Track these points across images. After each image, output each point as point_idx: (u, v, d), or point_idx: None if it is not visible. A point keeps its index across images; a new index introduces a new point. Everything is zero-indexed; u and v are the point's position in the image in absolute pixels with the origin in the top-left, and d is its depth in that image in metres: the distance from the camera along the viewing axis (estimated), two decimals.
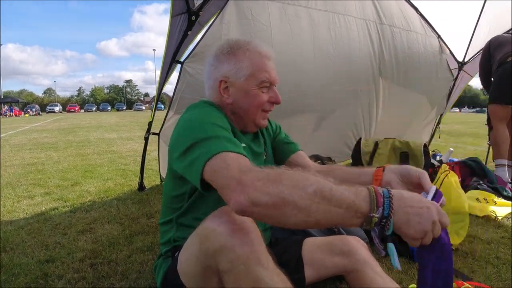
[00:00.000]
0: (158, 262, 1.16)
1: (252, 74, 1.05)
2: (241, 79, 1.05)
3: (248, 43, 1.07)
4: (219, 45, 1.11)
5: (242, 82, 1.05)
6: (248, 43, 1.08)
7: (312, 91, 2.84)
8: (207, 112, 0.98)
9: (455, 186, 1.97)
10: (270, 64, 1.08)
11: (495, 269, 1.57)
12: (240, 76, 1.05)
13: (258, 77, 1.05)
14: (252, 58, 1.05)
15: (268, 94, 1.09)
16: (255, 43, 1.08)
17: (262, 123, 1.12)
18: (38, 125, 15.08)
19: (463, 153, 5.19)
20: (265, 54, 1.07)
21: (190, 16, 2.06)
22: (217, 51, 1.09)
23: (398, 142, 2.39)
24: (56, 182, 3.43)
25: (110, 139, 7.91)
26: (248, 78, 1.05)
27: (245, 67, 1.04)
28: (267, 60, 1.07)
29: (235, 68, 1.05)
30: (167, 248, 1.12)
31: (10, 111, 33.75)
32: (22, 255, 1.74)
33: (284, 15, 2.47)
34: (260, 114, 1.10)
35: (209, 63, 1.11)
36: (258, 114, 1.09)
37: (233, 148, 0.81)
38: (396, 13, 3.15)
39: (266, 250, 0.82)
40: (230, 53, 1.06)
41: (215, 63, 1.08)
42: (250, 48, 1.06)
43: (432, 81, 3.61)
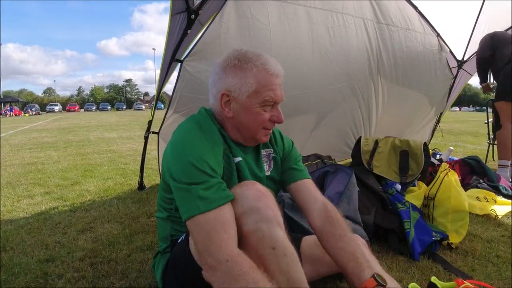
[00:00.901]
0: (156, 259, 1.18)
1: (256, 92, 1.02)
2: (244, 95, 1.02)
3: (258, 59, 1.04)
4: (228, 54, 1.07)
5: (245, 98, 1.03)
6: (258, 58, 1.04)
7: (311, 90, 2.84)
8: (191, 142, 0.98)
9: (455, 184, 1.97)
10: (278, 81, 1.05)
11: (495, 267, 1.57)
12: (243, 92, 1.02)
13: (262, 96, 1.02)
14: (259, 76, 1.02)
15: (270, 113, 1.06)
16: (264, 59, 1.05)
17: (263, 139, 1.11)
18: (38, 124, 15.07)
19: (463, 151, 5.19)
20: (273, 72, 1.04)
21: (190, 15, 2.06)
22: (225, 61, 1.06)
23: (398, 141, 2.39)
24: (56, 182, 3.43)
25: (110, 139, 7.90)
26: (252, 95, 1.02)
27: (250, 83, 1.02)
28: (275, 78, 1.04)
29: (240, 83, 1.02)
30: (165, 244, 1.14)
31: (10, 110, 33.72)
32: (22, 255, 1.74)
33: (283, 13, 2.47)
34: (261, 131, 1.08)
35: (214, 72, 1.08)
36: (259, 132, 1.08)
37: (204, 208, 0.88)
38: (395, 12, 3.15)
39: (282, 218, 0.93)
40: (237, 66, 1.03)
41: (221, 73, 1.06)
42: (258, 64, 1.03)
43: (432, 80, 3.60)
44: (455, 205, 1.90)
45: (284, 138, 1.28)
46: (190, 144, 0.97)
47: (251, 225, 0.89)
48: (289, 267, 0.88)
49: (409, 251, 1.69)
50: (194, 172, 0.92)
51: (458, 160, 2.99)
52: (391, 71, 3.28)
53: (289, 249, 0.90)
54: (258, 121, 1.05)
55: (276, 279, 0.87)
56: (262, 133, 1.08)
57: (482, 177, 2.78)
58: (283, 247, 0.89)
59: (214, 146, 1.00)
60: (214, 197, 0.90)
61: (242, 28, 2.29)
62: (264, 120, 1.05)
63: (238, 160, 1.07)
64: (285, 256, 0.88)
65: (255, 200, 0.91)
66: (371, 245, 1.73)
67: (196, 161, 0.93)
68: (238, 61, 1.04)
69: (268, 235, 0.88)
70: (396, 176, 2.24)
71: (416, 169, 2.23)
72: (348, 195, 1.75)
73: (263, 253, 0.88)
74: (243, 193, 0.93)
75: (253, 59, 1.03)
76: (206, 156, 0.95)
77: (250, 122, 1.05)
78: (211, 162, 0.95)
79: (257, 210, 0.90)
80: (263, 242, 0.88)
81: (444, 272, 1.53)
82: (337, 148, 3.35)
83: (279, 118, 1.07)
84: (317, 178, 2.04)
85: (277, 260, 0.88)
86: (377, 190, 2.04)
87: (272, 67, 1.04)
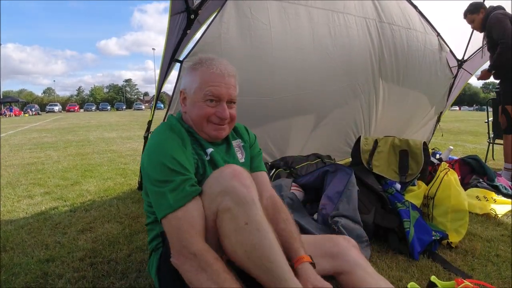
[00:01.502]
0: (150, 260, 1.21)
1: (200, 88, 1.14)
2: (192, 91, 1.16)
3: (206, 61, 1.17)
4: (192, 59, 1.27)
5: (192, 94, 1.16)
6: (207, 60, 1.17)
7: (312, 90, 2.84)
8: (161, 143, 1.08)
9: (455, 184, 1.97)
10: (221, 80, 1.14)
11: (495, 267, 1.57)
12: (192, 89, 1.16)
13: (203, 91, 1.13)
14: (202, 74, 1.15)
15: (215, 109, 1.15)
16: (213, 61, 1.17)
17: (214, 133, 1.17)
18: (37, 124, 15.07)
19: (462, 151, 5.19)
20: (215, 70, 1.14)
21: (189, 15, 2.05)
22: (188, 65, 1.27)
23: (398, 140, 2.39)
24: (56, 182, 3.43)
25: (109, 139, 7.90)
26: (196, 91, 1.15)
27: (196, 81, 1.15)
28: (219, 77, 1.14)
29: (190, 82, 1.17)
30: (157, 241, 1.17)
31: (9, 110, 33.69)
32: (22, 255, 1.74)
33: (283, 13, 2.46)
34: (208, 125, 1.16)
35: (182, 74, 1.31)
36: (205, 125, 1.16)
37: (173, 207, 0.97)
38: (396, 11, 3.15)
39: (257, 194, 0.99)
40: (191, 68, 1.19)
41: (182, 75, 1.27)
42: (205, 65, 1.16)
43: (432, 79, 3.61)
44: (454, 205, 1.90)
45: (249, 131, 1.41)
46: (161, 145, 1.07)
47: (226, 202, 0.94)
48: (262, 242, 0.91)
49: (408, 251, 1.69)
50: (165, 171, 1.01)
51: (457, 160, 2.99)
52: (392, 71, 3.28)
53: (263, 225, 0.93)
54: (201, 114, 1.14)
55: (249, 254, 0.92)
56: (209, 127, 1.16)
57: (481, 176, 2.78)
58: (255, 223, 0.92)
59: (183, 144, 1.09)
60: (181, 195, 0.98)
61: (243, 28, 2.29)
62: (206, 114, 1.14)
63: (211, 151, 1.17)
64: (258, 231, 0.92)
65: (230, 179, 0.97)
66: (370, 244, 1.74)
67: (167, 160, 1.02)
68: (193, 63, 1.20)
69: (241, 211, 0.93)
70: (395, 175, 2.25)
71: (415, 169, 2.23)
72: (348, 195, 1.75)
73: (237, 228, 0.93)
74: (220, 174, 1.00)
75: (203, 62, 1.17)
76: (176, 154, 1.04)
77: (195, 115, 1.16)
78: (181, 159, 1.04)
79: (232, 187, 0.95)
80: (237, 218, 0.93)
81: (443, 272, 1.53)
82: (337, 148, 3.35)
83: (222, 114, 1.14)
84: (316, 177, 2.04)
85: (250, 235, 0.92)
86: (377, 189, 2.04)
87: (216, 67, 1.15)
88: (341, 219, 1.65)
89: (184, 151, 1.07)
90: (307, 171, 2.44)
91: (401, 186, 2.18)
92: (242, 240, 0.92)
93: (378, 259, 1.66)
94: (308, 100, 2.86)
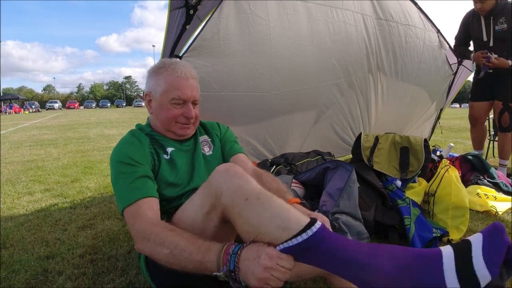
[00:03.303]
0: (141, 258, 1.22)
1: (166, 91, 1.22)
2: (158, 94, 1.23)
3: (170, 65, 1.24)
4: (155, 63, 1.31)
5: (158, 97, 1.24)
6: (170, 65, 1.25)
7: (310, 85, 2.83)
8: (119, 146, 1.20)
9: (455, 181, 1.97)
10: (186, 83, 1.23)
11: None
12: (157, 92, 1.23)
13: (170, 94, 1.22)
14: (168, 78, 1.22)
15: (182, 110, 1.24)
16: (176, 65, 1.25)
17: (181, 132, 1.27)
18: (37, 122, 15.06)
19: (463, 148, 5.18)
20: (180, 74, 1.22)
21: (188, 10, 2.05)
22: (151, 68, 1.28)
23: (399, 137, 2.38)
24: (56, 179, 3.43)
25: (110, 135, 7.90)
26: (163, 94, 1.23)
27: (161, 84, 1.23)
28: (184, 80, 1.23)
29: (155, 85, 1.24)
30: None
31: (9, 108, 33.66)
32: (22, 252, 1.74)
33: (282, 9, 2.45)
34: (175, 125, 1.26)
35: (147, 77, 1.31)
36: (173, 125, 1.26)
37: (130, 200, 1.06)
38: (395, 8, 3.13)
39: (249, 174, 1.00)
40: (155, 72, 1.26)
41: (147, 79, 1.29)
42: (169, 69, 1.23)
43: (431, 76, 3.59)
44: (455, 201, 1.90)
45: (221, 125, 1.50)
46: (119, 148, 1.19)
47: (226, 194, 0.93)
48: (265, 205, 0.88)
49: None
50: (120, 166, 1.12)
51: (458, 157, 2.99)
52: (390, 67, 3.27)
53: (261, 192, 0.91)
54: (169, 116, 1.23)
55: (258, 224, 0.86)
56: (176, 127, 1.26)
57: (482, 173, 2.77)
58: (254, 193, 0.90)
59: (140, 144, 1.19)
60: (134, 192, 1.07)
61: (242, 24, 2.28)
62: (174, 115, 1.23)
63: (171, 151, 1.25)
64: (258, 199, 0.90)
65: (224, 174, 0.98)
66: (371, 241, 1.73)
67: (123, 158, 1.14)
68: (157, 67, 1.26)
69: (238, 189, 0.92)
70: (396, 172, 2.24)
71: (416, 166, 2.23)
72: (348, 191, 1.75)
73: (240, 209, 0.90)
74: (220, 170, 1.00)
75: (166, 65, 1.25)
76: (130, 153, 1.15)
77: (163, 116, 1.24)
78: (134, 156, 1.14)
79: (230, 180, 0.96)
80: (237, 199, 0.91)
81: None
82: (336, 144, 3.34)
83: (188, 114, 1.24)
84: (317, 174, 2.04)
85: (253, 207, 0.88)
86: (378, 186, 2.04)
87: (180, 70, 1.23)
88: (341, 216, 1.65)
89: (139, 150, 1.17)
90: (307, 168, 2.43)
91: (402, 183, 2.17)
92: (248, 216, 0.88)
93: None
94: (307, 96, 2.85)
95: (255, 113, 2.51)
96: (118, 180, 1.12)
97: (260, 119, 2.61)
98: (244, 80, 2.36)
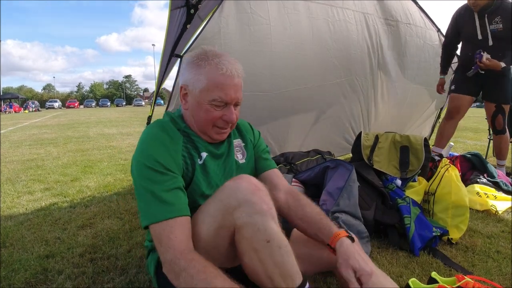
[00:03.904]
0: (148, 259, 1.19)
1: (207, 89, 1.04)
2: (197, 90, 1.06)
3: (214, 57, 1.05)
4: (195, 52, 1.12)
5: (197, 94, 1.06)
6: (215, 57, 1.05)
7: (311, 85, 2.83)
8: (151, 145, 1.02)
9: (455, 180, 1.97)
10: (231, 81, 1.05)
11: (495, 263, 1.57)
12: (196, 87, 1.06)
13: (211, 94, 1.04)
14: (210, 74, 1.04)
15: (222, 112, 1.07)
16: (221, 59, 1.05)
17: (215, 136, 1.12)
18: (37, 121, 15.05)
19: (463, 147, 5.18)
20: (225, 71, 1.03)
21: (189, 10, 2.04)
22: (189, 58, 1.10)
23: (399, 136, 2.38)
24: (55, 178, 3.43)
25: (109, 135, 7.90)
26: (203, 91, 1.05)
27: (202, 80, 1.04)
28: (229, 79, 1.04)
29: (194, 79, 1.06)
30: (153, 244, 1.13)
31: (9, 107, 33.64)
32: (22, 251, 1.74)
33: (282, 8, 2.45)
34: (212, 129, 1.09)
35: (182, 67, 1.14)
36: (210, 128, 1.09)
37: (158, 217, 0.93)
38: (395, 6, 3.13)
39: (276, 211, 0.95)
40: (195, 63, 1.06)
41: (183, 69, 1.11)
42: (212, 63, 1.04)
43: (431, 75, 3.58)
44: (455, 200, 1.90)
45: (253, 128, 1.33)
46: (145, 146, 1.02)
47: (245, 218, 0.90)
48: (284, 259, 0.89)
49: (409, 247, 1.69)
50: (147, 172, 0.97)
51: (458, 156, 2.98)
52: (391, 66, 3.27)
53: (283, 242, 0.90)
54: (208, 118, 1.07)
55: (271, 272, 0.88)
56: (213, 131, 1.10)
57: (482, 172, 2.77)
58: (277, 240, 0.90)
59: (172, 146, 1.03)
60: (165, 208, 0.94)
61: (242, 23, 2.28)
62: (213, 118, 1.07)
63: (205, 156, 1.10)
64: (280, 248, 0.89)
65: (249, 193, 0.93)
66: (371, 240, 1.73)
67: (149, 162, 0.97)
68: (197, 58, 1.07)
69: (262, 228, 0.89)
70: (396, 171, 2.24)
71: (416, 165, 2.22)
72: (348, 191, 1.74)
73: (258, 247, 0.89)
74: (237, 186, 0.95)
75: (210, 58, 1.05)
76: (160, 156, 0.99)
77: (200, 117, 1.08)
78: (165, 162, 0.99)
79: (252, 203, 0.91)
80: (258, 236, 0.89)
81: (444, 268, 1.53)
82: (337, 143, 3.34)
83: (229, 118, 1.07)
84: (317, 173, 2.03)
85: (272, 253, 0.88)
86: (378, 185, 2.03)
87: (226, 67, 1.04)
88: (341, 215, 1.65)
89: (170, 153, 1.02)
90: (307, 167, 2.43)
91: (402, 182, 2.17)
92: (264, 259, 0.89)
93: (378, 255, 1.65)
94: (308, 95, 2.85)
95: (255, 112, 2.51)
96: (145, 188, 0.96)
97: (260, 118, 2.61)
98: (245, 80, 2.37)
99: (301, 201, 1.14)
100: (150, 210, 0.94)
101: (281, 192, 1.17)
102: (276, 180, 1.22)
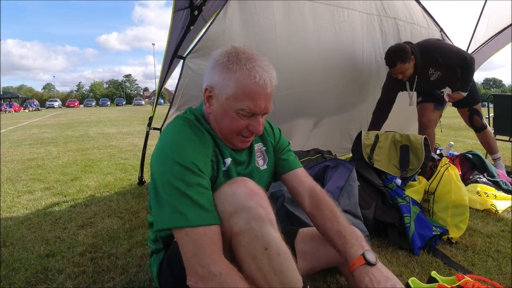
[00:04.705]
0: (151, 259, 1.18)
1: (235, 97, 0.95)
2: (223, 96, 0.96)
3: (248, 62, 0.94)
4: (225, 49, 1.00)
5: (224, 99, 0.96)
6: (248, 61, 0.94)
7: (316, 86, 2.82)
8: (186, 145, 0.94)
9: (455, 179, 1.97)
10: (263, 91, 0.95)
11: (495, 262, 1.57)
12: (223, 93, 0.96)
13: (239, 103, 0.95)
14: (241, 81, 0.93)
15: (248, 121, 0.99)
16: (255, 64, 0.94)
17: (239, 145, 1.05)
18: (37, 120, 15.05)
19: (463, 147, 5.18)
20: (258, 80, 0.93)
21: (193, 11, 2.04)
22: (218, 56, 0.99)
23: (399, 135, 2.38)
24: (56, 177, 3.43)
25: (109, 134, 7.90)
26: (230, 98, 0.95)
27: (230, 86, 0.94)
28: (261, 89, 0.94)
29: (222, 83, 0.95)
30: (157, 246, 1.14)
31: (9, 106, 33.63)
32: (22, 250, 1.74)
33: (288, 9, 2.44)
34: (237, 137, 1.02)
35: (208, 64, 1.03)
36: (234, 137, 1.02)
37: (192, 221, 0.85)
38: (399, 6, 3.14)
39: (275, 215, 0.91)
40: (225, 65, 0.95)
41: (210, 68, 1.00)
42: (244, 68, 0.93)
43: None
44: (455, 200, 1.90)
45: (273, 126, 1.26)
46: (178, 145, 0.93)
47: (242, 224, 0.86)
48: (283, 267, 0.87)
49: (409, 246, 1.69)
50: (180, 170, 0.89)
51: (458, 155, 2.99)
52: None
53: (282, 248, 0.88)
54: (233, 126, 0.99)
55: (270, 280, 0.86)
56: (237, 139, 1.03)
57: (482, 172, 2.77)
58: (276, 247, 0.87)
59: (204, 147, 0.98)
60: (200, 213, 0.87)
61: (247, 24, 2.27)
62: (238, 127, 0.99)
63: (229, 162, 1.04)
64: (279, 256, 0.86)
65: (246, 198, 0.89)
66: (371, 239, 1.74)
67: (184, 160, 0.90)
68: (228, 60, 0.96)
69: (260, 235, 0.85)
70: (396, 170, 2.24)
71: (416, 164, 2.23)
72: (348, 190, 1.75)
73: (256, 254, 0.86)
74: (234, 191, 0.91)
75: (242, 61, 0.94)
76: (194, 156, 0.92)
77: (225, 125, 1.00)
78: (199, 163, 0.92)
79: (248, 209, 0.87)
80: (255, 243, 0.86)
81: (444, 267, 1.53)
82: (339, 145, 3.34)
83: (255, 129, 1.00)
84: (317, 172, 2.03)
85: (270, 261, 0.86)
86: (378, 184, 2.04)
87: (259, 75, 0.93)
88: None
89: (203, 155, 0.96)
90: (307, 166, 2.43)
91: (402, 181, 2.17)
92: (262, 266, 0.86)
93: (378, 254, 1.65)
94: (312, 97, 2.85)
95: None
96: (177, 187, 0.87)
97: None
98: None
99: (324, 212, 1.07)
100: (180, 211, 0.86)
101: (304, 198, 1.12)
102: (297, 184, 1.15)
